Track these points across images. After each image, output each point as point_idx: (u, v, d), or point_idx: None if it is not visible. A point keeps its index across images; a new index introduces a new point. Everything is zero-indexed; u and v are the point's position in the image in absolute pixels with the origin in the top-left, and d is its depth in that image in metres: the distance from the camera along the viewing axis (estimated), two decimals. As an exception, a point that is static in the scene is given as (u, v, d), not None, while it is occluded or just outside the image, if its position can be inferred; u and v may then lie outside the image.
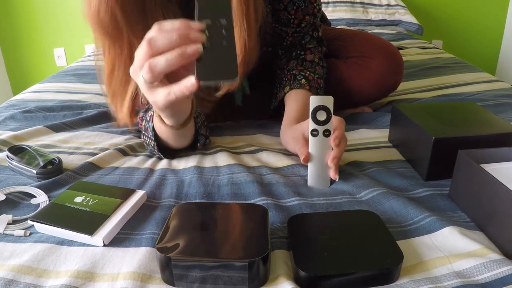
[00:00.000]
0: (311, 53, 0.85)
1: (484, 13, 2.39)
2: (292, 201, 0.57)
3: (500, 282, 0.41)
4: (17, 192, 0.60)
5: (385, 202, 0.56)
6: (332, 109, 0.57)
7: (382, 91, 0.94)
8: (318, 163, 0.60)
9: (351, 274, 0.41)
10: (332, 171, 0.60)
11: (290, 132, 0.70)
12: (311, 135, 0.59)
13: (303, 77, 0.80)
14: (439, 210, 0.55)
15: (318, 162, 0.60)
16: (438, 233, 0.49)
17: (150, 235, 0.50)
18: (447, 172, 0.59)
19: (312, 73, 0.81)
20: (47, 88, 1.14)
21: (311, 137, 0.59)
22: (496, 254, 0.45)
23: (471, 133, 0.62)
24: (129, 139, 0.79)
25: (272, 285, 0.42)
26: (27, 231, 0.51)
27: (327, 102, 0.57)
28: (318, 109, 0.57)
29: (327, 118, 0.57)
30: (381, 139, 0.78)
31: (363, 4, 2.07)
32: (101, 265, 0.45)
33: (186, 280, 0.42)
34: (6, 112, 0.93)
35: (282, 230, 0.51)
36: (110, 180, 0.64)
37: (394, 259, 0.43)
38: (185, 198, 0.59)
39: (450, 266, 0.44)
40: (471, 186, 0.53)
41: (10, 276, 0.43)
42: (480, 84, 1.09)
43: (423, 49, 1.54)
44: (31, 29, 2.44)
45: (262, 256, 0.41)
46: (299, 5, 0.81)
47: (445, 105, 0.77)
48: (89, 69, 1.34)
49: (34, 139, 0.79)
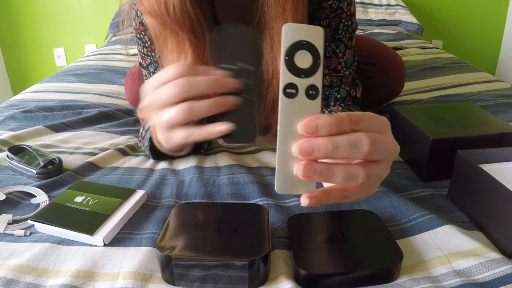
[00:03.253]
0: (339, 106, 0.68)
1: (484, 13, 2.39)
2: (292, 202, 0.57)
3: (499, 281, 0.42)
4: (17, 191, 0.60)
5: (384, 199, 0.56)
6: (322, 50, 0.33)
7: (382, 99, 0.95)
8: (290, 151, 0.33)
9: (351, 273, 0.41)
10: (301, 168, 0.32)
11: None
12: (284, 95, 0.33)
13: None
14: (438, 210, 0.55)
15: (290, 149, 0.33)
16: (437, 230, 0.49)
17: (150, 234, 0.50)
18: (445, 173, 0.59)
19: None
20: (47, 88, 1.14)
21: (283, 98, 0.33)
22: (495, 253, 0.45)
23: (469, 133, 0.62)
24: (129, 139, 0.79)
25: (273, 284, 0.43)
26: (27, 231, 0.51)
27: (313, 35, 0.33)
28: (297, 48, 0.33)
29: (313, 65, 0.33)
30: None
31: (363, 4, 2.07)
32: (101, 264, 0.46)
33: (187, 279, 0.42)
34: (6, 112, 0.93)
35: (282, 229, 0.51)
36: (110, 180, 0.64)
37: (394, 258, 0.43)
38: (185, 198, 0.59)
39: (449, 265, 0.44)
40: (470, 186, 0.53)
41: (10, 275, 0.43)
42: (480, 84, 1.09)
43: (423, 49, 1.54)
44: (31, 29, 2.43)
45: (263, 255, 0.41)
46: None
47: (443, 106, 0.77)
48: (89, 69, 1.34)
49: (34, 139, 0.79)
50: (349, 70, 0.69)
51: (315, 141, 0.32)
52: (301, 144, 0.32)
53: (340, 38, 0.66)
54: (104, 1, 2.37)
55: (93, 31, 2.43)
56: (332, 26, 0.65)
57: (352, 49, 0.69)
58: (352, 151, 0.32)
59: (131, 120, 0.91)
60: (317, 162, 0.33)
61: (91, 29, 2.44)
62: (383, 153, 0.34)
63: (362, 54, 0.87)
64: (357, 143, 0.32)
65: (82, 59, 1.53)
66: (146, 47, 0.68)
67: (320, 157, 0.32)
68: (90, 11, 2.40)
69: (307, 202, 0.34)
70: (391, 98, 0.98)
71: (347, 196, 0.37)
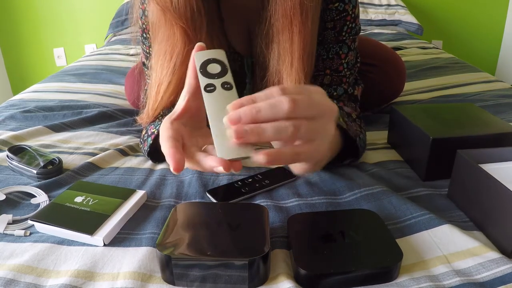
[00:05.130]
0: (345, 106, 0.68)
1: (484, 13, 2.39)
2: (292, 202, 0.57)
3: (499, 280, 0.42)
4: (17, 192, 0.60)
5: (384, 199, 0.56)
6: (227, 62, 0.44)
7: (382, 99, 0.95)
8: (223, 126, 0.40)
9: (351, 272, 0.41)
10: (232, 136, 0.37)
11: None
12: (205, 92, 0.41)
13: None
14: (438, 210, 0.55)
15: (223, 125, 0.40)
16: (437, 230, 0.50)
17: (150, 234, 0.50)
18: (445, 172, 0.59)
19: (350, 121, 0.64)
20: (47, 88, 1.14)
21: (206, 95, 0.41)
22: (495, 253, 0.45)
23: (469, 133, 0.62)
24: (129, 139, 0.79)
25: (272, 284, 0.43)
26: (27, 231, 0.51)
27: (218, 55, 0.44)
28: (207, 63, 0.44)
29: (222, 70, 0.43)
30: (380, 140, 0.79)
31: (363, 4, 2.07)
32: (101, 264, 0.46)
33: (187, 279, 0.42)
34: (6, 112, 0.93)
35: (282, 229, 0.51)
36: (110, 180, 0.64)
37: (393, 258, 0.43)
38: (185, 198, 0.59)
39: (449, 264, 0.44)
40: (470, 186, 0.53)
41: (10, 275, 0.43)
42: (480, 84, 1.09)
43: (423, 49, 1.54)
44: (31, 29, 2.43)
45: (262, 255, 0.41)
46: (320, 54, 0.66)
47: (443, 106, 0.77)
48: (89, 69, 1.34)
49: (34, 139, 0.79)
50: (350, 71, 0.69)
51: (240, 110, 0.37)
52: (229, 116, 0.37)
53: (343, 40, 0.66)
54: (104, 1, 2.37)
55: (93, 31, 2.43)
56: (336, 29, 0.65)
57: (354, 50, 0.69)
58: (274, 110, 0.36)
59: (131, 120, 0.91)
60: (247, 124, 0.36)
61: (91, 29, 2.44)
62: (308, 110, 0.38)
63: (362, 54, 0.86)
64: (277, 103, 0.36)
65: (82, 59, 1.53)
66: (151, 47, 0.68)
67: (247, 121, 0.36)
68: (90, 11, 2.40)
69: (265, 158, 0.36)
70: (391, 98, 0.98)
71: (298, 152, 0.39)
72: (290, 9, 0.55)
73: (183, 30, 0.56)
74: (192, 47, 0.46)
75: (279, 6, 0.56)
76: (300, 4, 0.55)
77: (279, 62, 0.59)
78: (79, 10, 2.40)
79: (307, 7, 0.55)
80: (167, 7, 0.54)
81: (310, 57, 0.61)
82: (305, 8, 0.55)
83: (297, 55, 0.58)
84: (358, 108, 0.71)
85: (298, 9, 0.55)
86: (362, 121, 0.69)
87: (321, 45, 0.65)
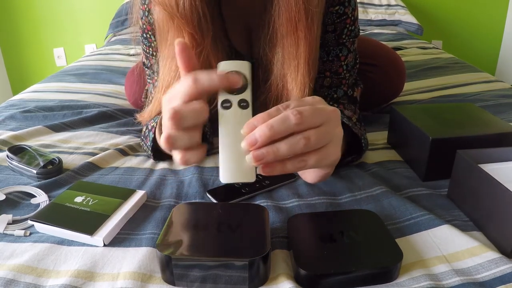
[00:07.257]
0: (346, 109, 0.68)
1: (484, 13, 2.39)
2: (292, 202, 0.57)
3: (499, 280, 0.42)
4: (17, 192, 0.60)
5: (384, 199, 0.56)
6: (249, 76, 0.42)
7: (382, 99, 0.95)
8: (234, 147, 0.40)
9: (351, 272, 0.41)
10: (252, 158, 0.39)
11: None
12: (222, 108, 0.41)
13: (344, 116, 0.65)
14: (438, 210, 0.55)
15: (234, 146, 0.40)
16: (437, 230, 0.50)
17: (150, 235, 0.50)
18: (445, 172, 0.59)
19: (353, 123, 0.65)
20: (47, 88, 1.14)
21: (221, 111, 0.41)
22: (495, 253, 0.45)
23: (469, 133, 0.62)
24: (129, 139, 0.79)
25: (272, 284, 0.43)
26: (27, 231, 0.51)
27: (241, 67, 0.42)
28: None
29: (242, 86, 0.42)
30: (380, 140, 0.79)
31: (363, 4, 2.07)
32: (101, 265, 0.46)
33: (187, 280, 0.42)
34: (6, 112, 0.93)
35: (282, 229, 0.51)
36: (110, 180, 0.64)
37: (393, 258, 0.43)
38: (185, 198, 0.59)
39: (449, 264, 0.44)
40: (470, 186, 0.53)
41: (10, 275, 0.43)
42: (480, 84, 1.09)
43: (423, 49, 1.54)
44: (31, 29, 2.43)
45: (262, 255, 0.41)
46: (321, 56, 0.66)
47: (443, 106, 0.78)
48: (89, 69, 1.34)
49: (34, 139, 0.79)
50: (350, 72, 0.69)
51: (256, 132, 0.38)
52: (247, 140, 0.38)
53: (343, 42, 0.67)
54: (104, 1, 2.37)
55: (93, 31, 2.43)
56: (337, 31, 0.66)
57: (354, 52, 0.69)
58: (284, 124, 0.38)
59: (131, 120, 0.91)
60: (262, 147, 0.38)
61: (91, 29, 2.44)
62: (314, 118, 0.39)
63: (362, 54, 0.86)
64: (285, 117, 0.38)
65: (82, 59, 1.53)
66: (152, 47, 0.69)
67: (263, 141, 0.38)
68: (90, 11, 2.40)
69: (267, 168, 0.39)
70: (391, 98, 0.98)
71: (304, 159, 0.40)
72: (295, 13, 0.55)
73: (191, 35, 0.56)
74: (199, 50, 0.46)
75: (283, 10, 0.55)
76: (305, 9, 0.55)
77: (284, 66, 0.59)
78: (79, 10, 2.40)
79: (312, 12, 0.55)
80: (174, 13, 0.54)
81: (315, 62, 0.61)
82: (311, 13, 0.55)
83: (303, 59, 0.58)
84: (357, 109, 0.72)
85: (303, 14, 0.55)
86: (362, 124, 0.70)
87: (321, 48, 0.65)
